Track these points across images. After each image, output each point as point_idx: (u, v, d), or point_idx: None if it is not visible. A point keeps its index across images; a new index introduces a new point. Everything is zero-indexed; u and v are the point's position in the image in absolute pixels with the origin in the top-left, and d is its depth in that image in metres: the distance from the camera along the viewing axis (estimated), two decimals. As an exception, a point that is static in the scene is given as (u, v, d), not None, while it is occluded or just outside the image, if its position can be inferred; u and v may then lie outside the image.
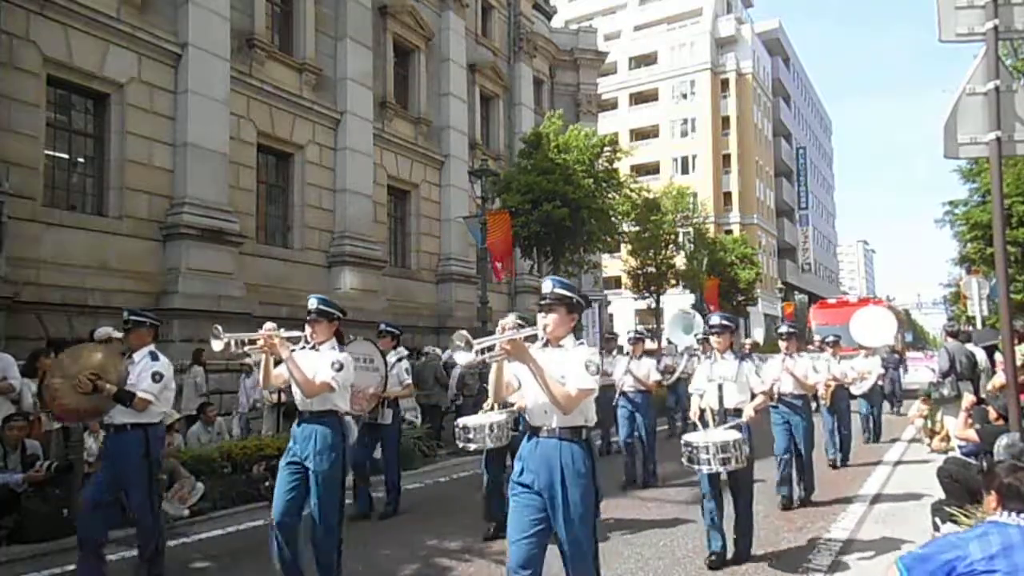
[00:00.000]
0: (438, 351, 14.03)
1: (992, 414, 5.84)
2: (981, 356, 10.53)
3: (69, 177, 11.28)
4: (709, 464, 4.71)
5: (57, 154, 11.04)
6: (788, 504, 6.85)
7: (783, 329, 7.97)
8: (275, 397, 10.59)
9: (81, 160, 11.44)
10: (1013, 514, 2.44)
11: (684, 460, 4.86)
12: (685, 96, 51.16)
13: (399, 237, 18.53)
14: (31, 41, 10.29)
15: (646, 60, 53.53)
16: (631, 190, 20.74)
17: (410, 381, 7.49)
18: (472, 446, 5.37)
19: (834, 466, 9.16)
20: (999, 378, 6.86)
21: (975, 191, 18.74)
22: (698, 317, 14.54)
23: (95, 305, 10.43)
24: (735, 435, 4.81)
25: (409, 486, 7.95)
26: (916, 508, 6.51)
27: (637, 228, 25.16)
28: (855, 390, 10.95)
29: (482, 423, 5.39)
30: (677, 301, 33.84)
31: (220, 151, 12.58)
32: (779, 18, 72.55)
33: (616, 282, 38.66)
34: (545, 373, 3.06)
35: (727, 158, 50.50)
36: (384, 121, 17.36)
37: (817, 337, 16.18)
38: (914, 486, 7.59)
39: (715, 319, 5.57)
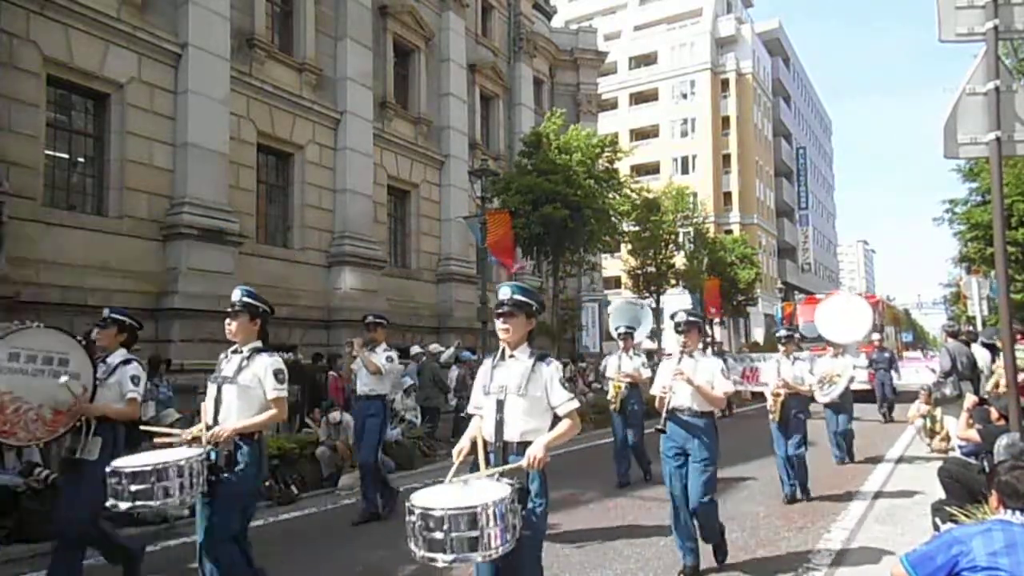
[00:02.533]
0: (434, 347, 13.98)
1: (994, 414, 5.84)
2: (981, 356, 10.52)
3: (69, 177, 11.28)
4: (444, 550, 2.62)
5: (57, 154, 11.04)
6: (790, 500, 7.05)
7: (781, 333, 7.96)
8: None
9: (81, 160, 11.44)
10: (1018, 512, 2.44)
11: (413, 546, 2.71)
12: (685, 96, 51.14)
13: (399, 237, 18.53)
14: (31, 41, 10.29)
15: (646, 60, 53.50)
16: (631, 190, 20.74)
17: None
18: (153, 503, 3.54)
19: (843, 462, 9.35)
20: (998, 378, 6.85)
21: (975, 191, 18.76)
22: (646, 308, 11.77)
23: (95, 305, 10.37)
24: (498, 494, 2.75)
25: (409, 486, 7.95)
26: (916, 508, 6.51)
27: (637, 228, 25.15)
28: (820, 397, 9.19)
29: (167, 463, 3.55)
30: (677, 301, 33.85)
31: (220, 151, 12.58)
32: (779, 18, 72.53)
33: (616, 282, 38.63)
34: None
35: (727, 158, 50.48)
36: (384, 121, 17.36)
37: (794, 335, 15.66)
38: (914, 486, 7.59)
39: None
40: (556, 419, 3.20)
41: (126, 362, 4.53)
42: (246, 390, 3.82)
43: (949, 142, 4.73)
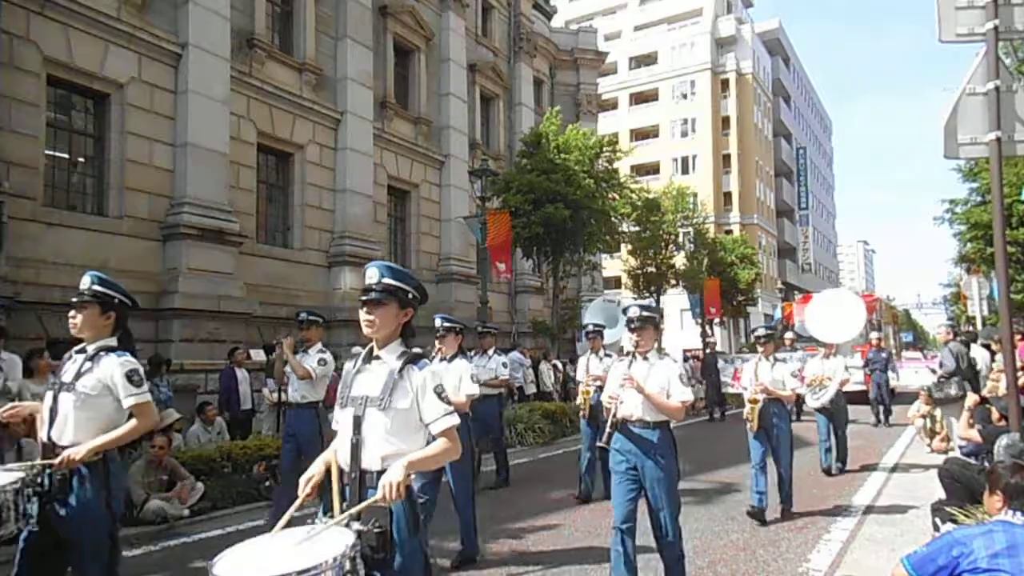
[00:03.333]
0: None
1: (995, 414, 5.84)
2: (980, 356, 10.50)
3: (69, 177, 11.27)
4: None
5: (57, 154, 11.03)
6: (756, 512, 6.36)
7: (759, 332, 7.13)
8: (275, 397, 10.61)
9: (81, 160, 11.43)
10: (1019, 513, 2.44)
11: None
12: (685, 96, 51.16)
13: (399, 237, 18.53)
14: (31, 41, 10.28)
15: (646, 60, 53.53)
16: (631, 190, 20.74)
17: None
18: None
19: (828, 473, 8.63)
20: (995, 384, 6.83)
21: (975, 191, 18.77)
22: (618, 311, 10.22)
23: (95, 305, 10.41)
24: (335, 550, 2.11)
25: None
26: (916, 508, 6.51)
27: (637, 228, 25.15)
28: (810, 402, 8.85)
29: None
30: (677, 301, 33.86)
31: (220, 151, 12.57)
32: (779, 18, 72.55)
33: (616, 282, 38.63)
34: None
35: (727, 158, 50.50)
36: (384, 121, 17.35)
37: (788, 336, 14.65)
38: (914, 486, 7.59)
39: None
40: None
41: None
42: (88, 399, 3.09)
43: (949, 142, 4.73)
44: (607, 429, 4.12)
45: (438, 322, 5.92)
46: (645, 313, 4.29)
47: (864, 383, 14.54)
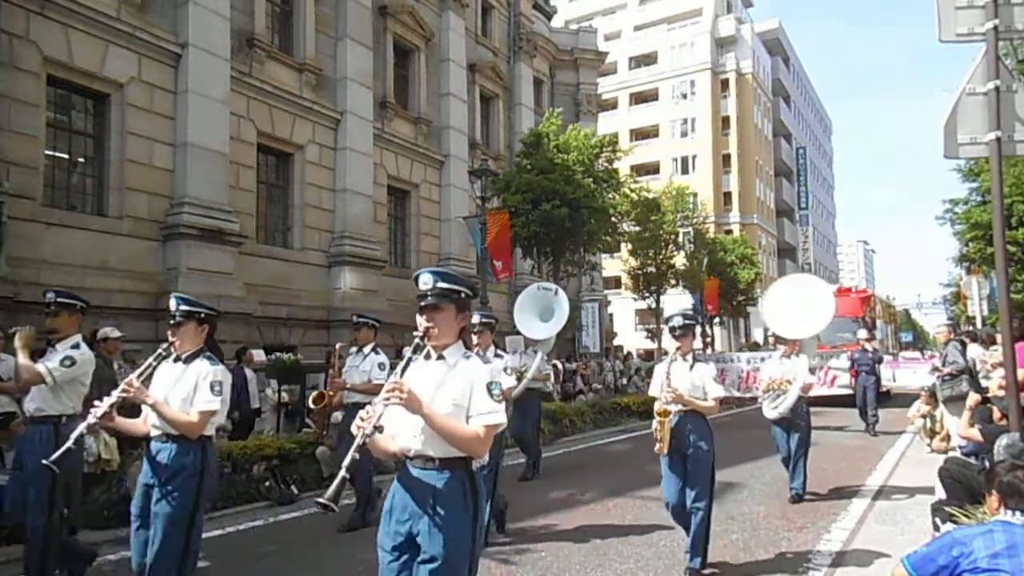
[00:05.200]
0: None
1: (996, 414, 5.84)
2: (977, 355, 10.46)
3: (69, 177, 11.28)
4: None
5: (57, 154, 11.04)
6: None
7: (675, 322, 5.00)
8: (276, 397, 10.62)
9: (81, 160, 11.44)
10: (1019, 514, 2.44)
11: None
12: (685, 96, 51.16)
13: (399, 237, 18.53)
14: (31, 41, 10.29)
15: (646, 60, 53.53)
16: (631, 190, 20.74)
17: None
18: None
19: (797, 500, 7.05)
20: (997, 376, 6.80)
21: (975, 191, 18.77)
22: (562, 295, 9.04)
23: (95, 305, 10.31)
24: None
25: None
26: (916, 508, 6.51)
27: (637, 228, 25.15)
28: (767, 412, 7.22)
29: None
30: (677, 301, 33.81)
31: (220, 151, 12.58)
32: (779, 18, 72.61)
33: (616, 282, 38.62)
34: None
35: (727, 158, 50.50)
36: (384, 121, 17.36)
37: (772, 334, 12.89)
38: (914, 486, 7.58)
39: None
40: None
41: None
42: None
43: (949, 142, 4.73)
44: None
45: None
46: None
47: (850, 386, 13.51)
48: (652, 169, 48.30)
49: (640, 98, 53.22)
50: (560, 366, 17.45)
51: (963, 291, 19.21)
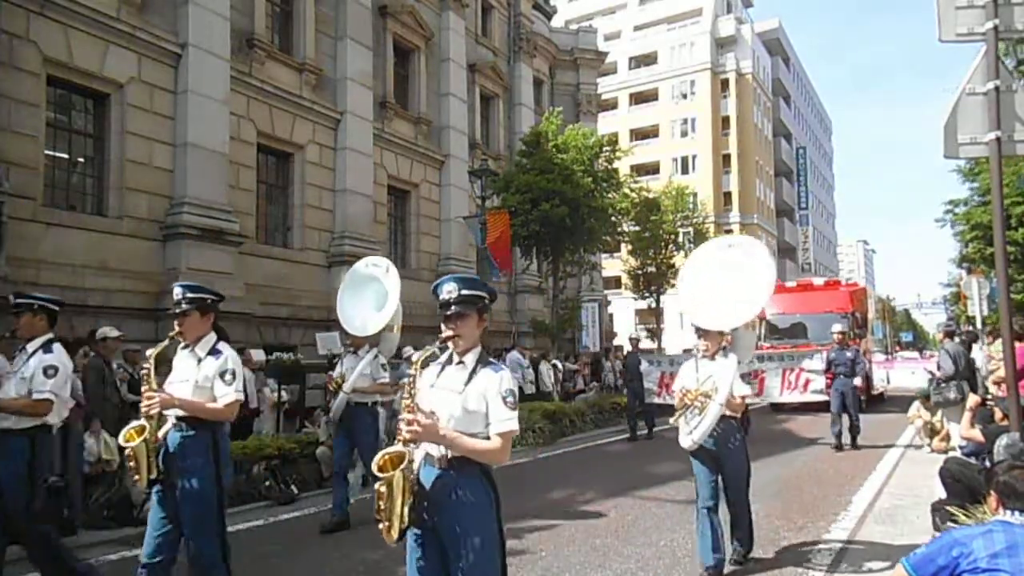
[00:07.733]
0: (407, 351, 13.87)
1: (998, 415, 5.84)
2: (980, 357, 10.45)
3: (69, 177, 11.27)
4: None
5: (57, 154, 11.02)
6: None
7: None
8: (275, 397, 10.63)
9: (81, 160, 11.43)
10: (1019, 514, 2.44)
11: None
12: (685, 96, 51.19)
13: (399, 237, 18.52)
14: (31, 41, 10.28)
15: (646, 60, 53.56)
16: (631, 190, 20.74)
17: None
18: None
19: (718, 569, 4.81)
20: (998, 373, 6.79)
21: (975, 191, 18.79)
22: (393, 272, 6.38)
23: (95, 305, 10.42)
24: None
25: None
26: (916, 508, 6.50)
27: (637, 228, 25.16)
28: (683, 440, 5.03)
29: None
30: (677, 301, 33.61)
31: (220, 151, 12.57)
32: (779, 18, 72.54)
33: (616, 282, 38.63)
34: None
35: (727, 158, 50.53)
36: (384, 121, 17.35)
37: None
38: (914, 486, 7.58)
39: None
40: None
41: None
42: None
43: (949, 142, 4.73)
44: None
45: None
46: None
47: (825, 392, 10.21)
48: (652, 169, 48.31)
49: (640, 98, 53.25)
50: (560, 365, 17.45)
51: (963, 291, 19.21)
